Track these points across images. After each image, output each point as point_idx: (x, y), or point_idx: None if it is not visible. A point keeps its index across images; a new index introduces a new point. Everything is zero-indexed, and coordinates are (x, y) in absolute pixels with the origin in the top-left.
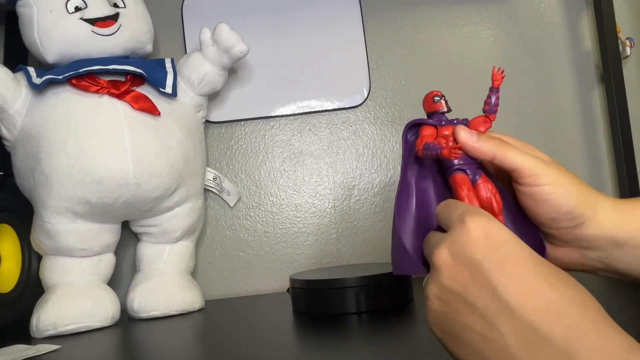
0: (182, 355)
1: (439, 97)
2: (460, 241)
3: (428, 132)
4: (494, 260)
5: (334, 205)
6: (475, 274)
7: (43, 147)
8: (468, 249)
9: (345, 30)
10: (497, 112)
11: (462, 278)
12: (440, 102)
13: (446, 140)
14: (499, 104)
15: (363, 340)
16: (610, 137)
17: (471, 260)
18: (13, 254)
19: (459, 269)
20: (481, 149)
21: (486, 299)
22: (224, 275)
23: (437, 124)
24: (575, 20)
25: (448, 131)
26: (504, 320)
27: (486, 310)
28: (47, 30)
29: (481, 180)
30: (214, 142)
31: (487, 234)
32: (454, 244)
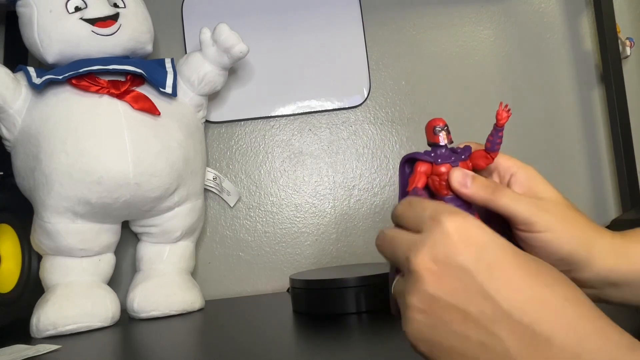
0: (182, 355)
1: (440, 127)
2: (441, 244)
3: (423, 168)
4: (481, 263)
5: (334, 205)
6: (463, 278)
7: (43, 147)
8: (452, 252)
9: (345, 30)
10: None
11: (449, 284)
12: (440, 133)
13: (439, 179)
14: (501, 142)
15: (363, 340)
16: (610, 137)
17: (457, 264)
18: (13, 254)
19: (444, 274)
20: (473, 196)
21: (480, 304)
22: (224, 275)
23: (433, 161)
24: (575, 20)
25: (445, 168)
26: (502, 325)
27: (481, 316)
28: (47, 30)
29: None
30: (214, 142)
31: (468, 235)
32: (434, 247)
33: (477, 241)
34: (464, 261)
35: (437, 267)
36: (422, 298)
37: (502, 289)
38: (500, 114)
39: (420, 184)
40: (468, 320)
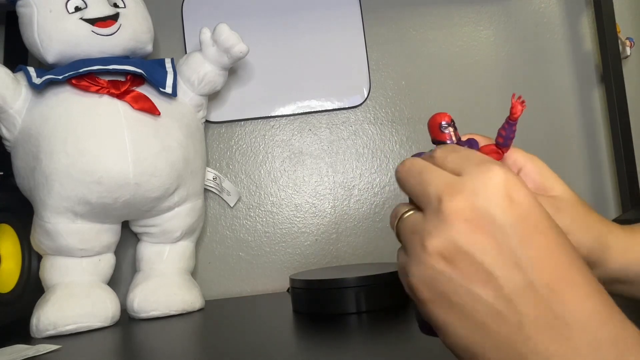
0: (182, 355)
1: (447, 124)
2: (484, 194)
3: None
4: (523, 226)
5: (334, 205)
6: (499, 238)
7: (43, 147)
8: (495, 206)
9: (345, 30)
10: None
11: (482, 239)
12: (447, 130)
13: None
14: (514, 137)
15: (363, 340)
16: (610, 137)
17: (497, 220)
18: (13, 254)
19: (479, 227)
20: None
21: (508, 270)
22: (224, 275)
23: None
24: (575, 20)
25: None
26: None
27: (506, 283)
28: (47, 30)
29: None
30: (214, 142)
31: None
32: (476, 194)
33: (523, 202)
34: (505, 220)
35: (473, 216)
36: (447, 244)
37: (536, 261)
38: (515, 106)
39: None
40: (490, 283)
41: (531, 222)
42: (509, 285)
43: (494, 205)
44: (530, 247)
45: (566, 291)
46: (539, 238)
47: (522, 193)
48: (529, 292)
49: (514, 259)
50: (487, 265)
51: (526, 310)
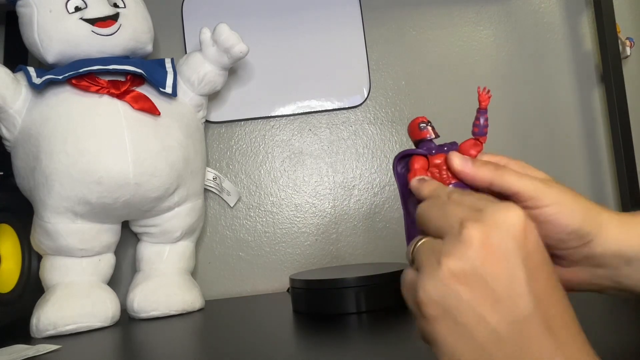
0: (182, 355)
1: (425, 123)
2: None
3: (419, 164)
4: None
5: (334, 205)
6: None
7: (43, 147)
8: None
9: (345, 30)
10: (487, 134)
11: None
12: (426, 129)
13: (439, 170)
14: (488, 125)
15: (363, 340)
16: (610, 137)
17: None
18: (13, 254)
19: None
20: (477, 176)
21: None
22: (224, 275)
23: (427, 153)
24: (575, 20)
25: (439, 160)
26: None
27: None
28: (47, 30)
29: None
30: (214, 142)
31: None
32: (496, 226)
33: (534, 241)
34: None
35: (492, 244)
36: (462, 265)
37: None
38: (481, 95)
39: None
40: (498, 307)
41: (539, 259)
42: (515, 313)
43: (512, 238)
44: (538, 281)
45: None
46: (544, 275)
47: (534, 233)
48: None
49: (522, 289)
50: (497, 291)
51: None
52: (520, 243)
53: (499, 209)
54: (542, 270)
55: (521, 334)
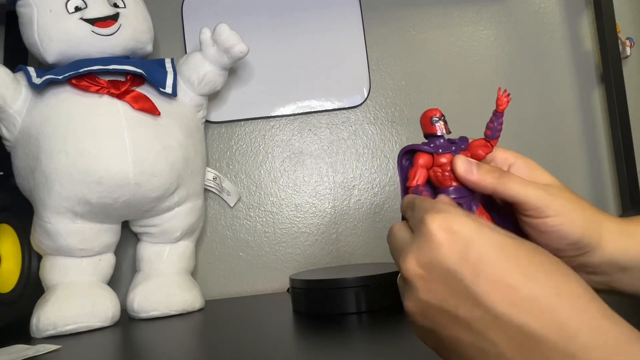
0: (182, 355)
1: (437, 117)
2: (425, 247)
3: (423, 160)
4: (468, 264)
5: (334, 205)
6: (451, 283)
7: (43, 147)
8: (436, 255)
9: (345, 30)
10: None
11: (438, 289)
12: (438, 123)
13: (442, 170)
14: (502, 129)
15: (363, 340)
16: (610, 137)
17: (443, 268)
18: (13, 254)
19: (432, 279)
20: (480, 182)
21: (469, 308)
22: (224, 275)
23: (434, 151)
24: (575, 20)
25: (445, 159)
26: (493, 329)
27: (472, 321)
28: (47, 30)
29: (478, 211)
30: (214, 142)
31: (451, 233)
32: (420, 251)
33: (460, 239)
34: (449, 264)
35: (424, 272)
36: (415, 303)
37: (490, 291)
38: (500, 99)
39: (421, 180)
40: (460, 324)
41: (475, 254)
42: (475, 322)
43: (436, 254)
44: (480, 279)
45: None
46: (487, 266)
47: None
48: (495, 323)
49: (469, 297)
50: (450, 310)
51: (499, 339)
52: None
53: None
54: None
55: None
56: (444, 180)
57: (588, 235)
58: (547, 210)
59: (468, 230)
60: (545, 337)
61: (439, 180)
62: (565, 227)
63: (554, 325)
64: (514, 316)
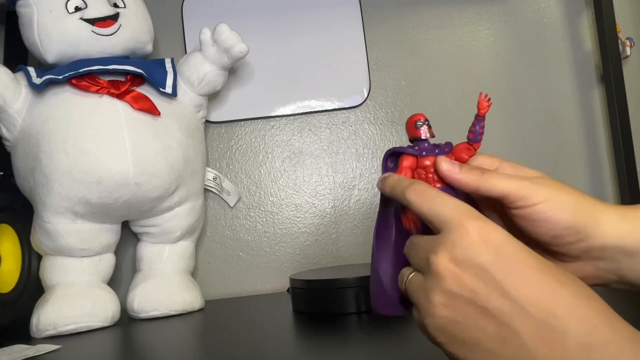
0: (182, 355)
1: (422, 122)
2: (461, 245)
3: (408, 162)
4: (500, 261)
5: (334, 205)
6: (483, 277)
7: (43, 147)
8: (471, 252)
9: (345, 30)
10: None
11: (469, 283)
12: (422, 127)
13: (426, 172)
14: (484, 132)
15: (363, 340)
16: (610, 137)
17: (476, 263)
18: (13, 254)
19: (464, 273)
20: (463, 181)
21: (498, 300)
22: (224, 275)
23: (418, 154)
24: (575, 20)
25: (429, 161)
26: (519, 320)
27: (500, 313)
28: (47, 30)
29: None
30: (214, 142)
31: (486, 235)
32: (454, 247)
33: (495, 241)
34: (483, 261)
35: (456, 267)
36: (444, 295)
37: (519, 286)
38: (481, 103)
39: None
40: (487, 315)
41: (507, 255)
42: (502, 313)
43: (472, 251)
44: (511, 276)
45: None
46: (517, 266)
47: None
48: (521, 315)
49: (500, 290)
50: (480, 302)
51: (523, 329)
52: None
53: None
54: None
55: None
56: (427, 182)
57: (582, 217)
58: (532, 198)
59: (501, 235)
60: (566, 330)
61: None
62: (554, 212)
63: (575, 319)
64: (539, 309)
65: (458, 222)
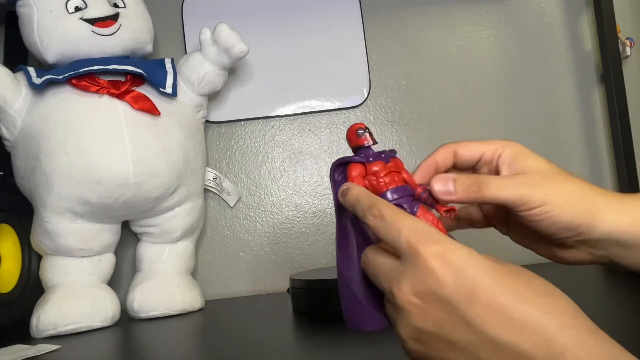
0: (182, 355)
1: (363, 130)
2: (420, 276)
3: (356, 171)
4: (462, 290)
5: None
6: (447, 309)
7: (43, 147)
8: (432, 284)
9: (345, 30)
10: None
11: (433, 315)
12: (364, 135)
13: (376, 177)
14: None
15: (363, 340)
16: (610, 137)
17: (438, 296)
18: (13, 254)
19: (427, 306)
20: (462, 199)
21: (464, 333)
22: (224, 275)
23: (365, 160)
24: (575, 20)
25: (377, 167)
26: (487, 351)
27: (467, 345)
28: (47, 30)
29: (420, 212)
30: (214, 142)
31: (445, 262)
32: (414, 280)
33: (454, 267)
34: (444, 292)
35: (419, 300)
36: (410, 330)
37: (483, 315)
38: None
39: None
40: (456, 348)
41: (468, 281)
42: (470, 345)
43: (431, 283)
44: (476, 305)
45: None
46: (480, 291)
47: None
48: (489, 345)
49: (464, 322)
50: (446, 336)
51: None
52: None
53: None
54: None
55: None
56: (379, 187)
57: (579, 216)
58: (531, 203)
59: (460, 258)
60: (535, 356)
61: (375, 188)
62: (553, 213)
63: (543, 343)
64: (506, 337)
65: (414, 252)
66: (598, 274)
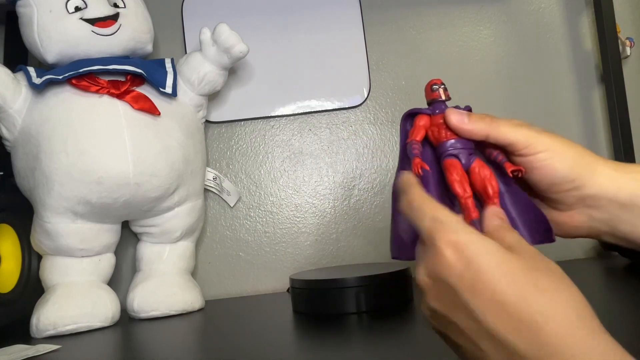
0: (182, 355)
1: (438, 85)
2: (433, 263)
3: (422, 121)
4: (466, 281)
5: (334, 205)
6: (452, 296)
7: (43, 147)
8: (441, 271)
9: (345, 30)
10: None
11: (444, 299)
12: (438, 90)
13: (438, 128)
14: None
15: (363, 340)
16: (610, 137)
17: (446, 283)
18: (13, 254)
19: (438, 290)
20: (474, 129)
21: (466, 321)
22: (224, 275)
23: (431, 112)
24: (575, 20)
25: (441, 120)
26: (487, 342)
27: (469, 332)
28: (47, 30)
29: (475, 164)
30: (214, 142)
31: (458, 250)
32: (428, 263)
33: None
34: (452, 281)
35: (432, 283)
36: (426, 307)
37: (483, 307)
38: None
39: (419, 137)
40: (460, 331)
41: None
42: (472, 332)
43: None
44: (477, 298)
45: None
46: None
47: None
48: (488, 337)
49: (468, 312)
50: (453, 319)
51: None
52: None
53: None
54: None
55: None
56: (440, 138)
57: (578, 167)
58: (536, 147)
59: (472, 249)
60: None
61: (436, 138)
62: (554, 160)
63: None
64: (501, 332)
65: (432, 240)
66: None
